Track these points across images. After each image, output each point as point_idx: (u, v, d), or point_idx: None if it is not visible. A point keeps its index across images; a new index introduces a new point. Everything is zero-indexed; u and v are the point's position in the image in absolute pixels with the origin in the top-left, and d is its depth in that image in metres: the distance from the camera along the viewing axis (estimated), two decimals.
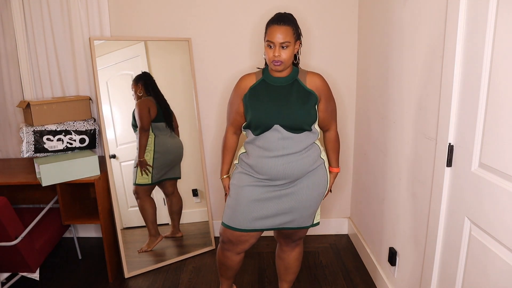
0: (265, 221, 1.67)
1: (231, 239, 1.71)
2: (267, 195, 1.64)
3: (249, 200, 1.64)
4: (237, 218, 1.66)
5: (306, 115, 1.59)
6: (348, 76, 2.60)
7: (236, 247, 1.74)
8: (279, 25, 1.52)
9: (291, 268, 1.94)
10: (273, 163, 1.58)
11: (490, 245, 1.19)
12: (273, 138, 1.58)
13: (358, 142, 2.62)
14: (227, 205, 1.72)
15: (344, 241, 2.76)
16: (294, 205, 1.66)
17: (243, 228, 1.66)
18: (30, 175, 2.25)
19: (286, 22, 1.53)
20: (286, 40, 1.52)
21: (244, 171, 1.68)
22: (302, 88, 1.62)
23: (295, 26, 1.56)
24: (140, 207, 2.42)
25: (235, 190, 1.69)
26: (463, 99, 1.31)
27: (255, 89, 1.64)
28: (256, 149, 1.63)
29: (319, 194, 1.70)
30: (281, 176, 1.60)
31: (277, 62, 1.55)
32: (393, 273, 1.98)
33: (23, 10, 2.42)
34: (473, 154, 1.26)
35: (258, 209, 1.65)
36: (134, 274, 2.36)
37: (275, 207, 1.65)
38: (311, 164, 1.64)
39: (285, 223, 1.70)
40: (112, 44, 2.35)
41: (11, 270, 2.07)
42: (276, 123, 1.57)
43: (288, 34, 1.52)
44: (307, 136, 1.62)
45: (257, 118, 1.59)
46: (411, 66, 1.70)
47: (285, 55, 1.53)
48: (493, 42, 1.14)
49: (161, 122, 2.41)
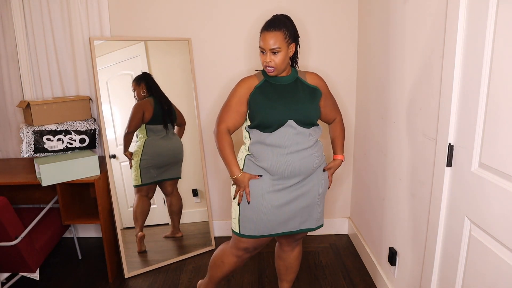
0: (286, 224, 1.66)
1: (256, 246, 1.72)
2: (286, 198, 1.62)
3: (271, 207, 1.61)
4: (262, 227, 1.63)
5: (316, 110, 1.63)
6: (348, 76, 2.60)
7: (256, 251, 1.77)
8: (269, 31, 1.52)
9: (291, 268, 1.93)
10: (290, 160, 1.58)
11: (490, 245, 1.19)
12: (287, 134, 1.58)
13: (358, 142, 2.62)
14: (247, 217, 1.63)
15: (344, 241, 2.76)
16: (311, 202, 1.67)
17: (268, 234, 1.66)
18: (30, 175, 2.25)
19: (277, 27, 1.52)
20: (276, 46, 1.52)
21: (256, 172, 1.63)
22: (306, 85, 1.65)
23: (288, 29, 1.54)
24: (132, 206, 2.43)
25: (252, 201, 1.62)
26: (463, 99, 1.31)
27: (261, 88, 1.63)
28: (268, 149, 1.59)
29: (325, 189, 1.74)
30: (297, 172, 1.59)
31: (269, 68, 1.56)
32: (393, 273, 1.98)
33: (23, 10, 2.42)
34: (473, 154, 1.26)
35: (281, 214, 1.63)
36: (134, 274, 2.36)
37: (294, 209, 1.65)
38: (319, 160, 1.66)
39: (304, 222, 1.69)
40: (112, 44, 2.35)
41: (11, 270, 2.07)
42: (290, 118, 1.57)
43: (278, 39, 1.52)
44: (315, 131, 1.65)
45: (269, 115, 1.57)
46: (411, 66, 1.70)
47: (277, 60, 1.54)
48: (493, 42, 1.14)
49: (157, 124, 2.39)
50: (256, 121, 1.60)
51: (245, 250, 1.72)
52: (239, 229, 1.66)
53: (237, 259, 1.75)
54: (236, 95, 1.63)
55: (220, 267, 1.80)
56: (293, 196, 1.63)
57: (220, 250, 1.81)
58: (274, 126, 1.57)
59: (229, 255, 1.76)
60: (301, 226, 1.70)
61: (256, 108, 1.59)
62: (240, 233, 1.66)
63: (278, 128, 1.58)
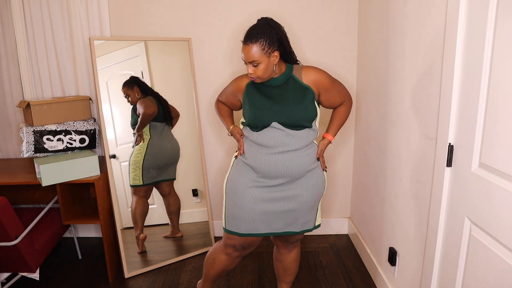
0: (270, 225, 1.66)
1: (244, 245, 1.71)
2: (267, 196, 1.63)
3: (252, 202, 1.62)
4: (244, 225, 1.64)
5: (304, 112, 1.57)
6: (348, 76, 2.60)
7: (245, 251, 1.76)
8: (246, 45, 1.49)
9: (289, 270, 1.93)
10: (273, 160, 1.58)
11: (490, 245, 1.19)
12: (275, 135, 1.58)
13: (358, 142, 2.62)
14: (231, 213, 1.67)
15: (344, 241, 2.76)
16: (297, 207, 1.66)
17: (251, 233, 1.66)
18: (30, 175, 2.25)
19: (253, 39, 1.47)
20: (254, 60, 1.49)
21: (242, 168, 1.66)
22: (298, 84, 1.61)
23: (266, 38, 1.48)
24: (130, 207, 2.42)
25: (235, 196, 1.65)
26: (463, 99, 1.31)
27: (252, 87, 1.65)
28: (254, 147, 1.62)
29: (319, 195, 1.71)
30: (280, 173, 1.59)
31: (252, 78, 1.57)
32: (393, 273, 1.98)
33: (23, 10, 2.42)
34: (473, 154, 1.26)
35: (262, 212, 1.63)
36: (134, 274, 2.36)
37: (277, 210, 1.64)
38: (310, 164, 1.63)
39: (289, 225, 1.69)
40: (112, 44, 2.35)
41: (11, 270, 2.07)
42: (273, 120, 1.57)
43: (255, 53, 1.48)
44: (307, 133, 1.61)
45: (254, 115, 1.59)
46: (411, 66, 1.70)
47: (258, 72, 1.53)
48: (493, 42, 1.14)
49: (160, 121, 2.41)
50: (246, 120, 1.65)
51: (233, 248, 1.72)
52: (225, 224, 1.70)
53: (227, 257, 1.76)
54: (231, 88, 1.75)
55: (211, 265, 1.82)
56: (277, 196, 1.63)
57: (213, 248, 1.84)
58: (259, 126, 1.59)
59: (219, 253, 1.78)
60: (285, 228, 1.69)
61: (245, 106, 1.64)
62: (226, 228, 1.70)
63: (264, 128, 1.59)
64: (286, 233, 1.71)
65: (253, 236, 1.67)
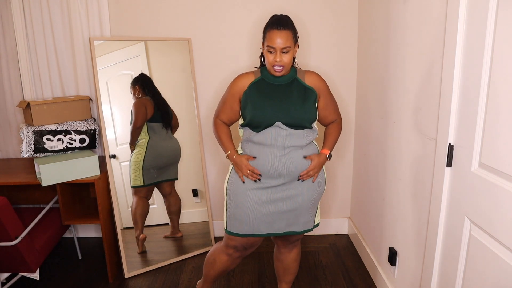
0: (272, 225, 1.66)
1: (245, 246, 1.72)
2: (270, 197, 1.63)
3: (254, 204, 1.62)
4: (246, 226, 1.64)
5: (307, 112, 1.60)
6: (348, 76, 2.60)
7: (247, 252, 1.77)
8: (279, 30, 1.50)
9: (289, 269, 1.93)
10: (275, 160, 1.58)
11: (490, 245, 1.19)
12: (275, 135, 1.58)
13: (358, 142, 2.62)
14: (233, 215, 1.66)
15: (344, 241, 2.76)
16: (298, 207, 1.66)
17: (253, 234, 1.66)
18: (30, 175, 2.25)
19: (286, 26, 1.51)
20: (287, 45, 1.50)
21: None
22: (302, 85, 1.63)
23: (293, 30, 1.55)
24: (131, 208, 2.42)
25: (236, 198, 1.65)
26: (463, 99, 1.31)
27: (255, 86, 1.63)
28: (256, 147, 1.62)
29: (319, 194, 1.71)
30: (281, 173, 1.59)
31: (278, 67, 1.54)
32: (393, 273, 1.98)
33: (23, 10, 2.42)
34: (473, 154, 1.26)
35: (264, 213, 1.63)
36: (134, 274, 2.36)
37: (279, 210, 1.64)
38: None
39: (290, 225, 1.69)
40: (112, 44, 2.35)
41: (11, 270, 2.07)
42: (277, 120, 1.57)
43: (288, 39, 1.50)
44: (307, 133, 1.63)
45: (258, 115, 1.58)
46: (411, 66, 1.70)
47: (286, 60, 1.53)
48: (493, 42, 1.14)
49: (157, 122, 2.40)
50: (247, 120, 1.63)
51: (234, 248, 1.73)
52: (226, 225, 1.70)
53: (228, 257, 1.76)
54: (230, 92, 1.68)
55: (212, 265, 1.82)
56: (278, 196, 1.63)
57: (213, 248, 1.84)
58: (262, 126, 1.59)
59: (220, 253, 1.78)
60: (287, 228, 1.69)
61: (246, 106, 1.62)
62: (227, 230, 1.70)
63: (266, 128, 1.59)
64: (288, 233, 1.71)
65: (255, 237, 1.68)
